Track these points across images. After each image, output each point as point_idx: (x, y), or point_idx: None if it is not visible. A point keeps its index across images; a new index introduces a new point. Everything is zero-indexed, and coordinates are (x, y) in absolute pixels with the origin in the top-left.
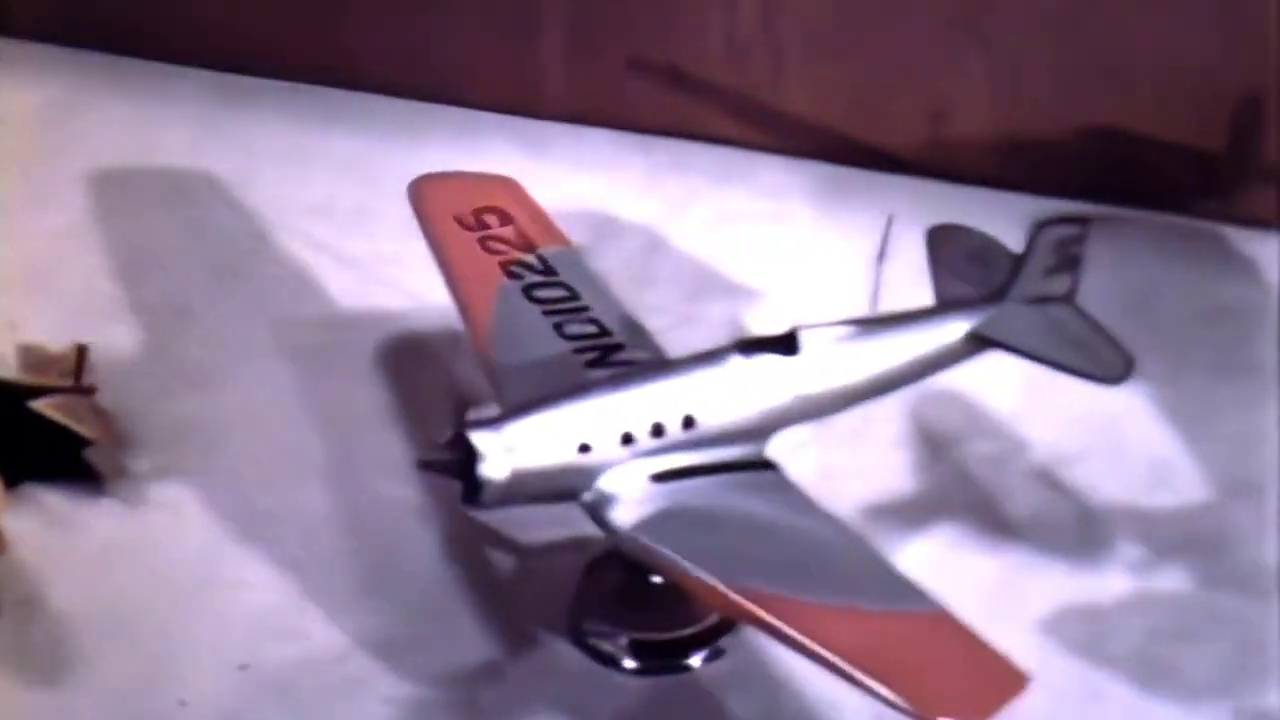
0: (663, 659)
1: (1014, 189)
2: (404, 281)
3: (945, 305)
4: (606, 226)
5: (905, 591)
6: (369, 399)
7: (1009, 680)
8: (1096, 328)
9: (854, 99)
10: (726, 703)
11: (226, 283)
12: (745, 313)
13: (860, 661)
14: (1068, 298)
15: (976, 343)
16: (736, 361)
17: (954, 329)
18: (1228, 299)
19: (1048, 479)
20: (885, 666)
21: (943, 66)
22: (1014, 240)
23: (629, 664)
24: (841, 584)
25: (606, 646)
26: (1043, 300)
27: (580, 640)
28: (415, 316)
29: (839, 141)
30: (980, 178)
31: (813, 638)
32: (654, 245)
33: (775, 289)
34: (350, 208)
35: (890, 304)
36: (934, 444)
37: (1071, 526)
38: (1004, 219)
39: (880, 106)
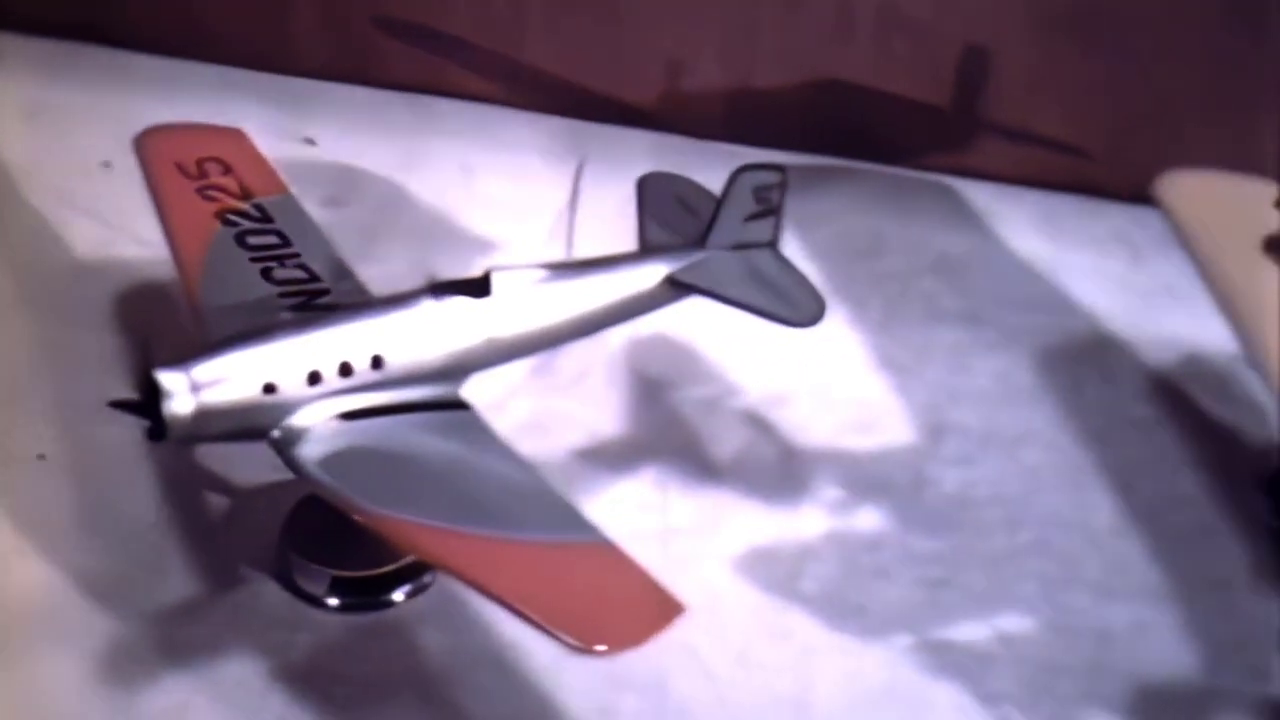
0: (364, 596)
1: (748, 143)
2: (145, 232)
3: (645, 251)
4: (352, 179)
5: (572, 525)
6: (101, 344)
7: (664, 610)
8: (793, 273)
9: (593, 53)
10: (421, 638)
11: None
12: (479, 264)
13: (518, 591)
14: (769, 244)
15: (674, 287)
16: (427, 303)
17: (651, 274)
18: (950, 249)
19: (756, 422)
20: (543, 596)
21: (678, 21)
22: None
23: (330, 601)
24: (512, 518)
25: (308, 584)
26: (743, 246)
27: (284, 578)
28: (153, 265)
29: (580, 96)
30: (716, 132)
31: (473, 569)
32: (396, 198)
33: (511, 241)
34: (101, 162)
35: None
36: (650, 388)
37: (775, 467)
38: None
39: (618, 61)
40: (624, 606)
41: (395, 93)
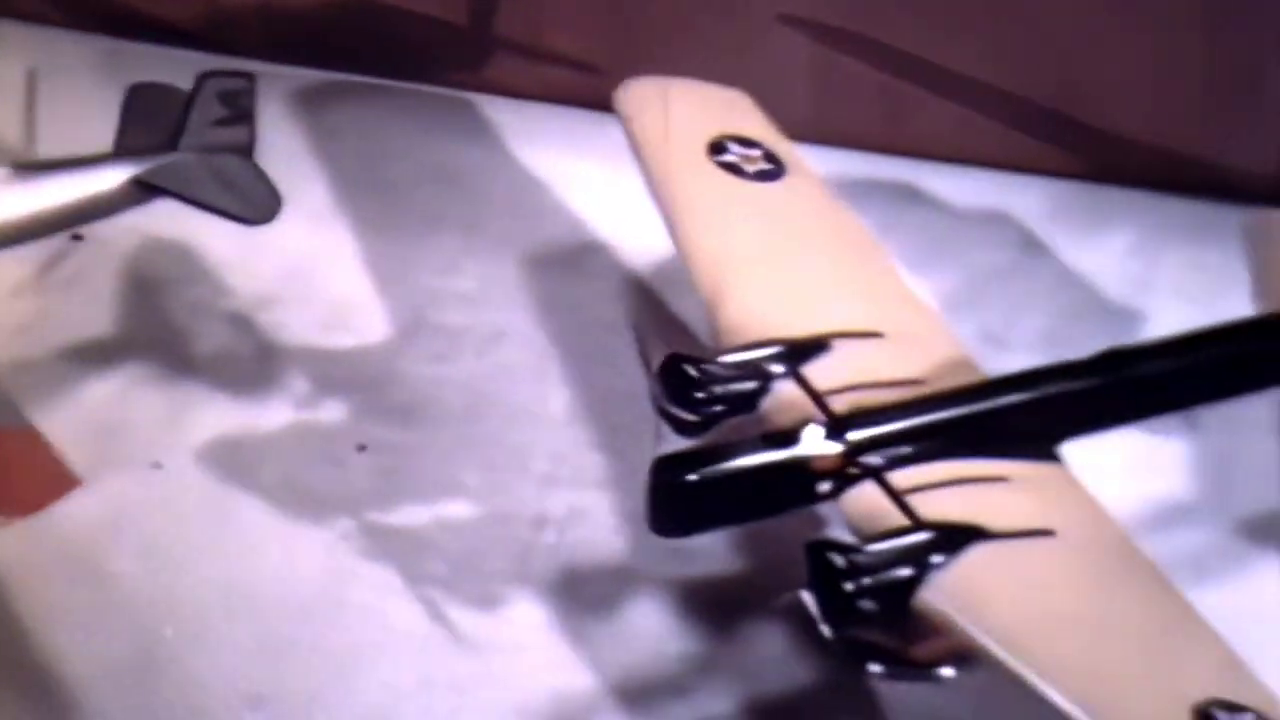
0: None
1: (281, 61)
2: None
3: (114, 153)
4: None
5: None
6: None
7: (57, 484)
8: (259, 176)
9: None
10: None
11: None
12: None
13: None
14: (242, 148)
15: (141, 189)
16: None
17: (116, 176)
18: (460, 161)
19: (240, 321)
20: None
21: None
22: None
23: None
24: None
25: None
26: (214, 150)
27: None
28: None
29: (122, 13)
30: (254, 50)
31: None
32: None
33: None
34: None
35: None
36: (145, 289)
37: (250, 365)
38: (277, 94)
39: None
40: (16, 480)
41: None
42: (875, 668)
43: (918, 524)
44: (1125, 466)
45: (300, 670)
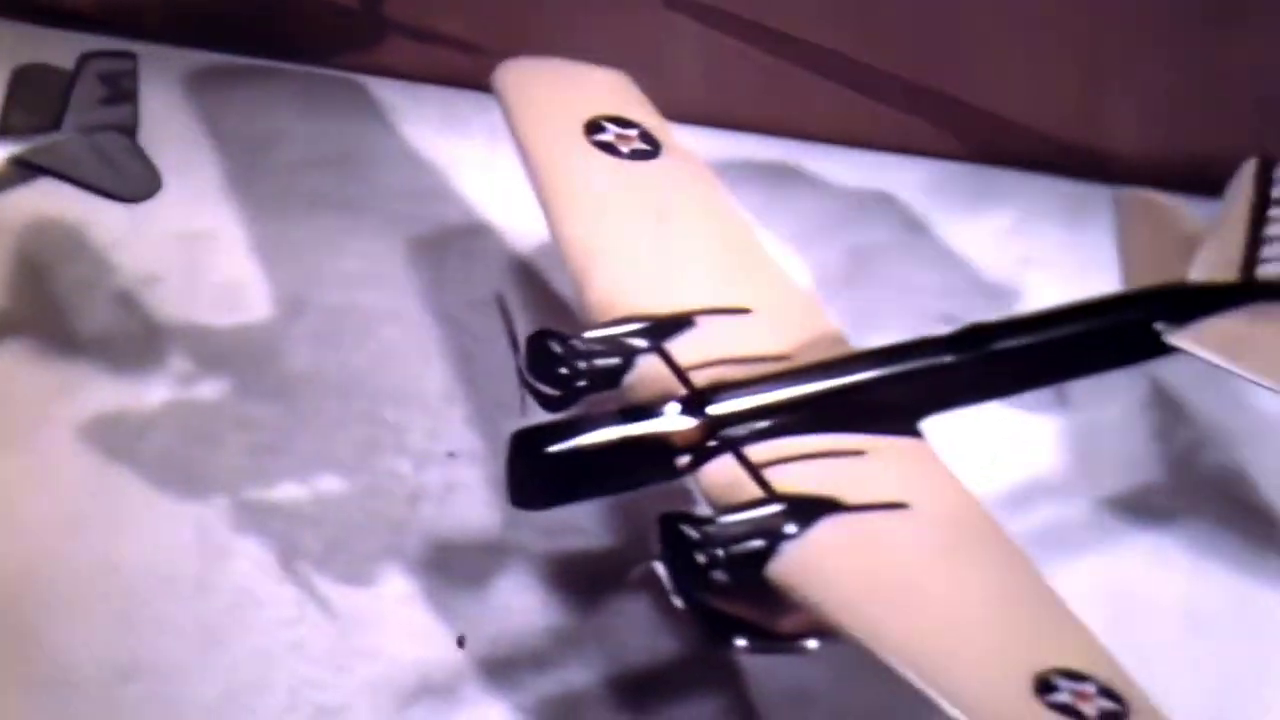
0: None
1: (172, 42)
2: None
3: None
4: None
5: None
6: None
7: None
8: (139, 155)
9: None
10: None
11: None
12: None
13: None
14: (125, 128)
15: (22, 168)
16: None
17: None
18: (348, 143)
19: (124, 299)
20: None
21: None
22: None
23: None
24: None
25: None
26: (96, 129)
27: None
28: None
29: None
30: (153, 33)
31: None
32: None
33: None
34: None
35: None
36: (29, 268)
37: (135, 342)
38: (169, 76)
39: None
40: None
41: None
42: (739, 641)
43: (771, 496)
44: (996, 441)
45: (172, 643)
